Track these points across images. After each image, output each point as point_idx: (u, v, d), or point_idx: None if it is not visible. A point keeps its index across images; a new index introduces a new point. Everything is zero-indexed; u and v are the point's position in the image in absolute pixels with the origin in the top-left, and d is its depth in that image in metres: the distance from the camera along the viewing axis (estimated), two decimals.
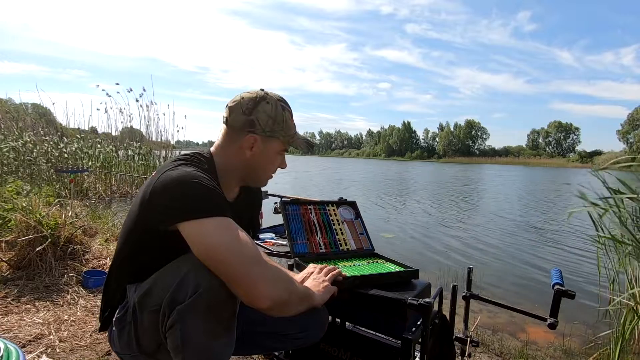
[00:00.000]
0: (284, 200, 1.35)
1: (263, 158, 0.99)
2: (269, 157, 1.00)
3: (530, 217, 7.82)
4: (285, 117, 0.98)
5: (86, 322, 1.79)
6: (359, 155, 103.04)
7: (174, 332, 0.78)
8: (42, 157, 6.62)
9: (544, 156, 73.66)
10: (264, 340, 1.07)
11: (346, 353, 1.13)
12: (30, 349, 1.53)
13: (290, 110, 1.01)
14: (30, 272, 2.20)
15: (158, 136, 9.27)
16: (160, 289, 0.81)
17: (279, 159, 1.02)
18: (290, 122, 1.00)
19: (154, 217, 0.83)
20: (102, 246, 2.72)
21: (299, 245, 1.24)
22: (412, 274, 1.14)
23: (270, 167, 1.03)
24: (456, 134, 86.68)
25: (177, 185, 0.80)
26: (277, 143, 0.99)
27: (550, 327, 1.08)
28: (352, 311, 1.10)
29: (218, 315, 0.79)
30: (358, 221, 1.41)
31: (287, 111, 0.99)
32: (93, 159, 7.69)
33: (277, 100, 0.98)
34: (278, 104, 0.97)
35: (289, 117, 1.00)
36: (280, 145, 1.00)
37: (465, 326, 1.35)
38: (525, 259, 4.49)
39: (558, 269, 1.21)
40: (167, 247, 0.83)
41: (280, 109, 0.98)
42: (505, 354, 2.04)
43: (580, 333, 2.52)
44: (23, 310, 1.84)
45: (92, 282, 2.18)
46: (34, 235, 2.26)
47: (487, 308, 2.74)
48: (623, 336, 2.03)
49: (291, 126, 1.00)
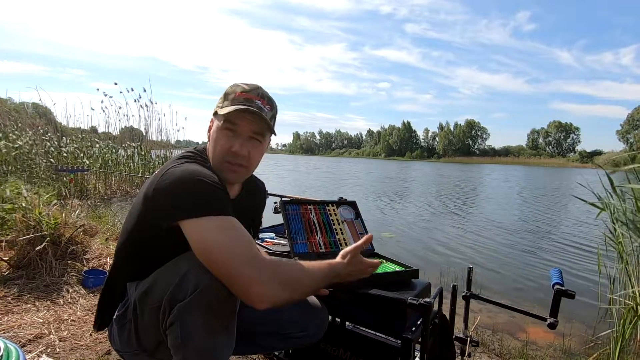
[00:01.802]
0: (284, 200, 1.35)
1: (212, 137, 0.94)
2: (214, 134, 0.93)
3: (530, 217, 7.82)
4: (230, 90, 0.92)
5: (86, 321, 1.79)
6: (359, 155, 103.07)
7: (174, 330, 0.78)
8: (42, 157, 6.62)
9: (544, 156, 73.71)
10: (264, 339, 1.07)
11: (346, 353, 1.13)
12: (30, 348, 1.53)
13: (245, 87, 0.92)
14: (30, 272, 2.20)
15: (158, 136, 9.27)
16: (161, 287, 0.81)
17: (223, 135, 0.91)
18: (232, 95, 0.91)
19: (156, 215, 0.82)
20: (102, 246, 2.72)
21: (299, 245, 1.24)
22: (412, 273, 1.14)
23: (216, 145, 0.92)
24: (456, 134, 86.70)
25: (181, 183, 0.80)
26: (218, 118, 0.92)
27: (550, 327, 1.08)
28: (352, 311, 1.10)
29: (218, 313, 0.79)
30: (358, 221, 1.41)
31: (238, 86, 0.92)
32: (93, 158, 7.69)
33: (235, 82, 0.95)
34: (233, 84, 0.94)
35: (237, 90, 0.92)
36: (220, 119, 0.91)
37: (465, 326, 1.35)
38: (525, 258, 4.49)
39: (558, 269, 1.21)
40: (169, 245, 0.83)
41: (230, 86, 0.93)
42: (505, 354, 2.04)
43: (580, 333, 2.52)
44: (23, 310, 1.84)
45: (92, 281, 2.18)
46: (34, 235, 2.26)
47: (487, 308, 2.74)
48: (623, 336, 2.03)
49: (233, 98, 0.91)
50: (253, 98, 0.92)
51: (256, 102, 0.91)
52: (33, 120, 7.96)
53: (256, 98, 0.92)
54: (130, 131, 9.52)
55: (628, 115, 61.35)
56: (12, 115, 7.40)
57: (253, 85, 0.94)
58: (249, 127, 0.91)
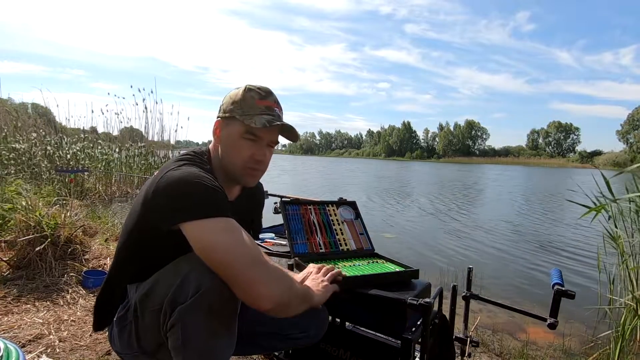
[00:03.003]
0: (284, 200, 1.35)
1: (227, 143, 0.95)
2: (232, 141, 0.94)
3: (530, 217, 7.82)
4: (247, 97, 0.93)
5: (86, 322, 1.79)
6: (359, 155, 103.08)
7: (174, 332, 0.78)
8: (42, 157, 6.62)
9: (544, 156, 73.72)
10: (264, 340, 1.07)
11: (346, 353, 1.13)
12: (30, 348, 1.53)
13: (262, 94, 0.94)
14: (30, 272, 2.20)
15: (158, 136, 9.28)
16: (162, 288, 0.81)
17: (245, 144, 0.93)
18: (251, 102, 0.93)
19: (156, 217, 0.82)
20: (102, 246, 2.72)
21: (299, 245, 1.24)
22: (412, 274, 1.14)
23: (236, 153, 0.94)
24: (456, 134, 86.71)
25: (180, 186, 0.80)
26: (236, 124, 0.92)
27: (550, 327, 1.08)
28: (352, 311, 1.10)
29: (219, 315, 0.79)
30: (358, 221, 1.41)
31: (254, 92, 0.94)
32: (93, 159, 7.69)
33: (247, 86, 0.95)
34: (245, 88, 0.94)
35: (255, 97, 0.93)
36: (240, 126, 0.92)
37: (465, 326, 1.35)
38: (525, 259, 4.49)
39: (558, 269, 1.21)
40: (169, 247, 0.83)
41: (245, 91, 0.93)
42: (505, 354, 2.04)
43: (580, 333, 2.52)
44: (23, 310, 1.84)
45: (92, 281, 2.18)
46: (34, 235, 2.26)
47: (487, 308, 2.74)
48: (623, 336, 2.03)
49: (252, 105, 0.92)
50: (272, 106, 0.95)
51: (275, 110, 0.95)
52: (34, 121, 7.97)
53: (274, 105, 0.96)
54: (130, 131, 9.52)
55: (628, 116, 61.32)
56: (12, 115, 7.41)
57: (266, 90, 0.96)
58: (270, 137, 0.95)
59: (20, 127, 7.07)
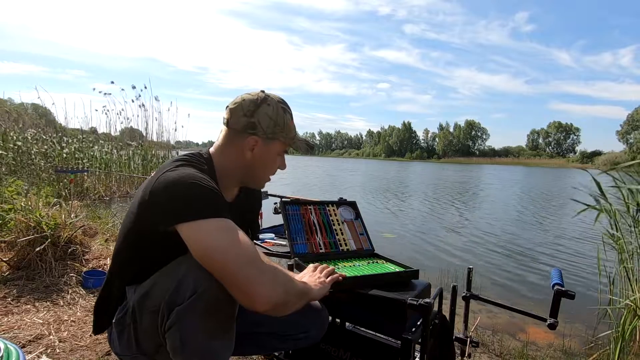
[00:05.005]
0: (284, 201, 1.35)
1: (263, 159, 1.00)
2: (270, 158, 1.01)
3: (530, 218, 7.82)
4: (286, 120, 1.00)
5: (86, 322, 1.79)
6: (358, 155, 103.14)
7: (173, 334, 0.78)
8: (42, 157, 6.62)
9: (543, 156, 73.74)
10: (264, 340, 1.07)
11: (346, 353, 1.13)
12: (30, 349, 1.52)
13: (290, 112, 1.02)
14: (30, 273, 2.20)
15: (157, 136, 9.27)
16: (159, 290, 0.81)
17: (278, 160, 1.03)
18: (290, 124, 1.01)
19: (152, 218, 0.82)
20: (102, 246, 2.72)
21: (299, 246, 1.24)
22: (412, 274, 1.14)
23: (270, 168, 1.03)
24: (456, 134, 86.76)
25: (176, 187, 0.80)
26: (277, 144, 1.00)
27: (550, 328, 1.08)
28: (352, 311, 1.10)
29: (217, 316, 0.79)
30: (358, 221, 1.41)
31: (287, 113, 1.01)
32: (93, 159, 7.69)
33: (277, 102, 0.98)
34: (279, 106, 0.98)
35: (290, 119, 1.01)
36: (281, 147, 1.01)
37: (465, 326, 1.35)
38: (525, 259, 4.49)
39: (558, 270, 1.21)
40: (166, 248, 0.83)
41: (282, 112, 0.99)
42: (505, 354, 2.04)
43: (580, 333, 2.52)
44: (23, 311, 1.84)
45: (92, 282, 2.18)
46: (33, 236, 2.25)
47: (487, 308, 2.74)
48: (623, 336, 2.03)
49: (292, 128, 1.01)
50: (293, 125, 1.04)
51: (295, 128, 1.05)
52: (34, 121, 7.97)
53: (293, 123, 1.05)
54: (130, 131, 9.53)
55: (628, 116, 61.37)
56: (12, 115, 7.41)
57: (289, 107, 1.03)
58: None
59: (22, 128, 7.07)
